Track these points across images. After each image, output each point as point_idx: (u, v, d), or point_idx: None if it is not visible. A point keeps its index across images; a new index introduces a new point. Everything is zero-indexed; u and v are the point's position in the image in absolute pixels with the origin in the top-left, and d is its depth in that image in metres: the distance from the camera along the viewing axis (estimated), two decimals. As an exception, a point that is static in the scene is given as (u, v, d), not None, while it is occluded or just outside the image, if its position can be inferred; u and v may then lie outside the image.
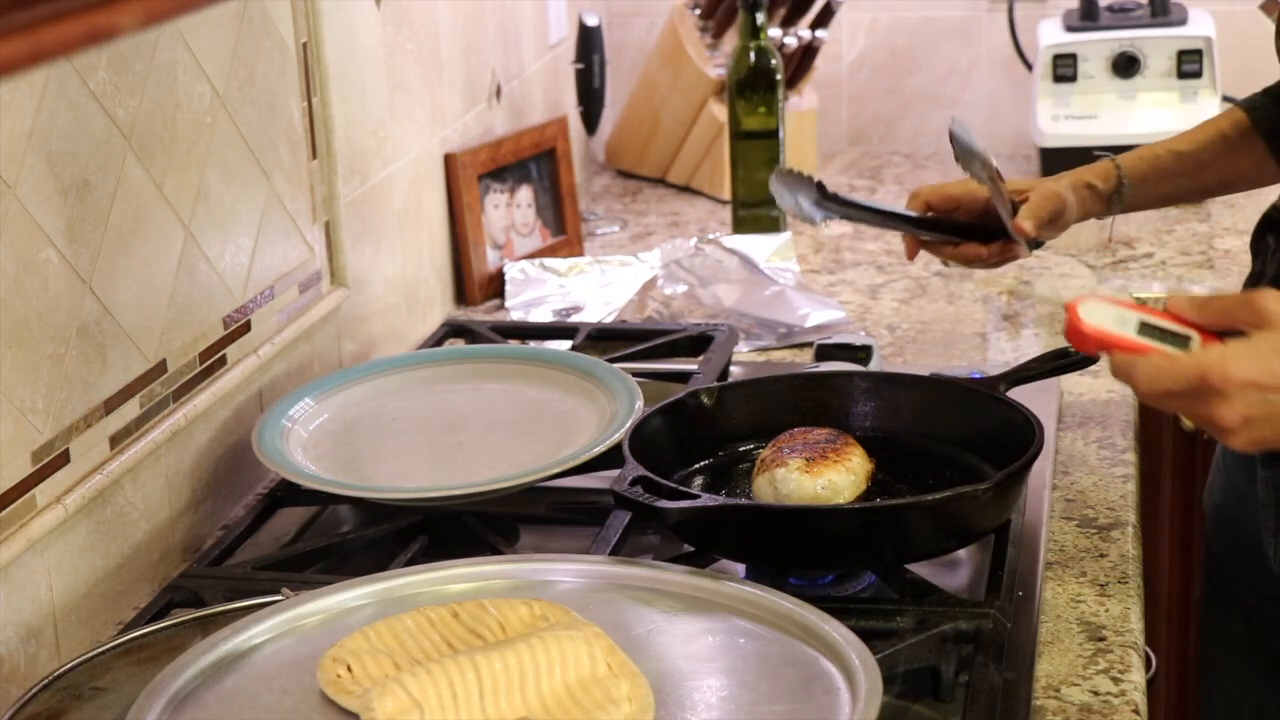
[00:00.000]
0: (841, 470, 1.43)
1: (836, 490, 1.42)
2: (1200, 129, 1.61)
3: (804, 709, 1.13)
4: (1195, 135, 1.61)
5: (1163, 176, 1.60)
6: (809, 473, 1.42)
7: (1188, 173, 1.60)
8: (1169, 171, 1.60)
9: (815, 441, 1.46)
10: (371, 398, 1.76)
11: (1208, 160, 1.60)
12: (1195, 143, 1.60)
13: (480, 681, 1.11)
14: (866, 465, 1.47)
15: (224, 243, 1.65)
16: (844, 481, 1.43)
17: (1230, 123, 1.60)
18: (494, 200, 2.35)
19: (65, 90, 1.39)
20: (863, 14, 2.96)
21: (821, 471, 1.42)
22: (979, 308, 2.20)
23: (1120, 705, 1.30)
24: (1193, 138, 1.61)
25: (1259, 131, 1.59)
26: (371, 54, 1.98)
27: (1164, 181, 1.60)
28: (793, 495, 1.41)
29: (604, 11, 2.92)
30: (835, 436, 1.48)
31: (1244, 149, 1.60)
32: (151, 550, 1.55)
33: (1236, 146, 1.60)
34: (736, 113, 2.46)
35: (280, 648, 1.23)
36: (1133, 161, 1.59)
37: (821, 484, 1.42)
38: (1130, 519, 1.60)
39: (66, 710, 1.23)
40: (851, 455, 1.46)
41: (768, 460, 1.46)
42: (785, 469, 1.43)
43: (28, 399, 1.35)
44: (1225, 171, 1.63)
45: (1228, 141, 1.60)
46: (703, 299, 2.17)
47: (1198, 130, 1.61)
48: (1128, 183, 1.58)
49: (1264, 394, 1.15)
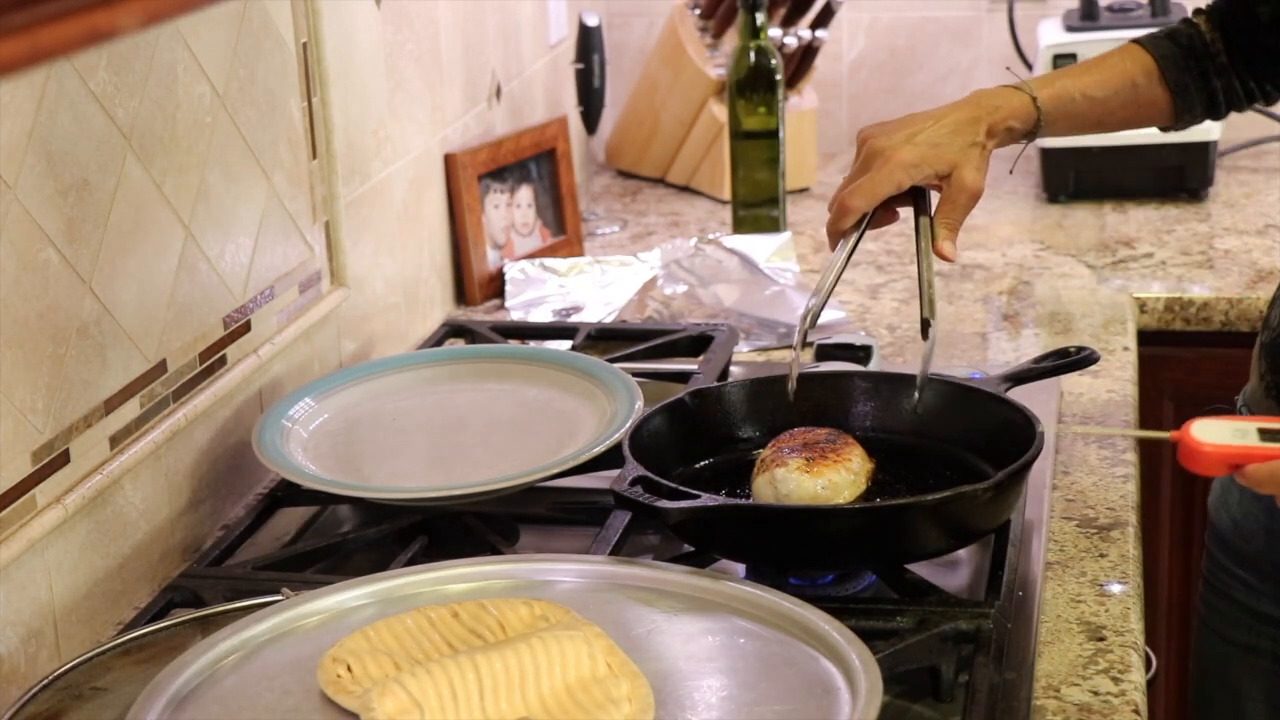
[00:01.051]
0: (841, 470, 1.43)
1: (836, 490, 1.42)
2: (1113, 71, 1.60)
3: (804, 709, 1.13)
4: (1109, 79, 1.60)
5: (1073, 117, 1.59)
6: (809, 473, 1.42)
7: (1095, 117, 1.60)
8: (1080, 114, 1.59)
9: (815, 441, 1.46)
10: (371, 398, 1.76)
11: (1116, 107, 1.61)
12: (1108, 88, 1.59)
13: (480, 681, 1.11)
14: (866, 465, 1.47)
15: (224, 243, 1.65)
16: (844, 481, 1.43)
17: (1141, 70, 1.60)
18: (494, 200, 2.35)
19: (65, 90, 1.39)
20: (863, 14, 2.96)
21: (821, 471, 1.42)
22: (979, 308, 2.20)
23: (1120, 705, 1.30)
24: (1106, 81, 1.59)
25: (1166, 82, 1.60)
26: (371, 54, 1.98)
27: (1073, 122, 1.60)
28: (793, 495, 1.41)
29: (604, 11, 2.92)
30: (835, 436, 1.48)
31: (1150, 98, 1.61)
32: (151, 550, 1.55)
33: (1144, 95, 1.61)
34: (736, 113, 2.47)
35: (280, 648, 1.23)
36: (1050, 101, 1.56)
37: (822, 484, 1.42)
38: (1130, 519, 1.60)
39: (66, 710, 1.23)
40: (851, 455, 1.46)
41: (767, 460, 1.46)
42: (785, 469, 1.43)
43: (28, 399, 1.35)
44: (1129, 118, 1.63)
45: (1137, 90, 1.60)
46: (703, 299, 2.17)
47: (1111, 72, 1.60)
48: (1043, 123, 1.57)
49: None
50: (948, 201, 1.51)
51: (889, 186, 1.49)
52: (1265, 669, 1.64)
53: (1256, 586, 1.63)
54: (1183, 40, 1.60)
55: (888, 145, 1.50)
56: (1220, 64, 1.60)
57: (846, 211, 1.49)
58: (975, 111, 1.53)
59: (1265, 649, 1.64)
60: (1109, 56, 1.61)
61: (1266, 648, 1.64)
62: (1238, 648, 1.65)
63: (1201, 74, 1.60)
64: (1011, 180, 2.77)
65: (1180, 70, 1.60)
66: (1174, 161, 2.60)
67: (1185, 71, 1.60)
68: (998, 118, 1.54)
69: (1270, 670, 1.64)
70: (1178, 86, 1.60)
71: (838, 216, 1.50)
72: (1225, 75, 1.61)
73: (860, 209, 1.49)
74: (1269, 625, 1.63)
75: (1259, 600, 1.63)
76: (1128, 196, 2.62)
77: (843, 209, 1.49)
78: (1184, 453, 1.23)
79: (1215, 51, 1.60)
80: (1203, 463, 1.22)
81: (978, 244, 2.46)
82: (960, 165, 1.51)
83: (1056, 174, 2.63)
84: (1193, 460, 1.23)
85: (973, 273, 2.33)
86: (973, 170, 1.51)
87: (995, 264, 2.37)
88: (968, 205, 1.51)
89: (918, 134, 1.51)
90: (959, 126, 1.52)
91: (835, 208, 1.51)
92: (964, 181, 1.50)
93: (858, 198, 1.49)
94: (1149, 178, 2.62)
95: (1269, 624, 1.63)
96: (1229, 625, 1.67)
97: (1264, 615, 1.63)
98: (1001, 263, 2.37)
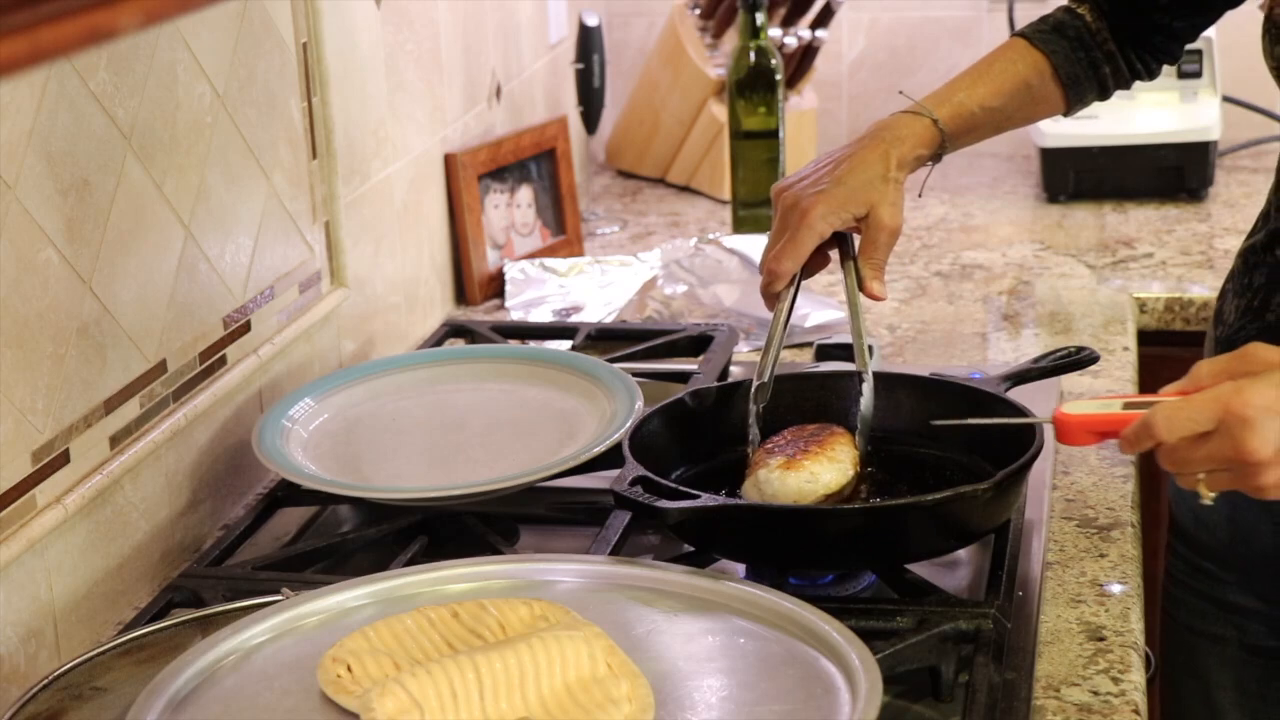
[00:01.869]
0: (823, 460, 1.43)
1: (819, 479, 1.42)
2: (1006, 77, 1.61)
3: (804, 709, 1.13)
4: (1003, 86, 1.61)
5: (973, 131, 1.61)
6: (790, 469, 1.42)
7: (994, 124, 1.62)
8: (979, 126, 1.61)
9: (799, 438, 1.46)
10: (371, 398, 1.76)
11: (1013, 111, 1.63)
12: (1003, 95, 1.60)
13: (480, 681, 1.11)
14: (852, 452, 1.46)
15: (224, 243, 1.65)
16: (826, 470, 1.42)
17: (1033, 70, 1.61)
18: (494, 200, 2.35)
19: (65, 90, 1.39)
20: (863, 14, 2.96)
21: (803, 465, 1.42)
22: (979, 308, 2.20)
23: (1120, 705, 1.30)
24: (1000, 89, 1.61)
25: (1059, 79, 1.61)
26: (371, 54, 1.98)
27: (974, 135, 1.62)
28: (779, 495, 1.41)
29: (604, 11, 2.92)
30: (821, 429, 1.47)
31: (1044, 95, 1.63)
32: (151, 550, 1.55)
33: (1039, 94, 1.63)
34: (736, 113, 2.47)
35: (280, 648, 1.23)
36: (950, 121, 1.57)
37: (805, 477, 1.41)
38: (1130, 519, 1.60)
39: (66, 710, 1.23)
40: (834, 443, 1.45)
41: (754, 464, 1.46)
42: (766, 469, 1.43)
43: (28, 399, 1.35)
44: (1025, 118, 1.66)
45: (1031, 91, 1.62)
46: (703, 299, 2.17)
47: (1004, 78, 1.61)
48: (947, 144, 1.58)
49: None
50: (869, 242, 1.53)
51: (812, 240, 1.51)
52: (1233, 657, 1.65)
53: (1221, 576, 1.64)
54: (1070, 33, 1.62)
55: (802, 198, 1.52)
56: (1107, 50, 1.63)
57: (777, 276, 1.52)
58: (881, 146, 1.54)
59: (1232, 638, 1.65)
60: (999, 60, 1.63)
61: (1233, 636, 1.64)
62: (1205, 638, 1.66)
63: (1091, 64, 1.63)
64: (1011, 180, 2.78)
65: (1072, 64, 1.62)
66: (1174, 161, 2.60)
67: (1076, 64, 1.62)
68: (904, 149, 1.55)
69: (1238, 658, 1.65)
70: (1070, 80, 1.62)
71: (769, 282, 1.52)
72: (1113, 60, 1.63)
73: (790, 271, 1.52)
74: (1235, 614, 1.64)
75: (1224, 590, 1.64)
76: (1128, 196, 2.62)
77: (772, 275, 1.52)
78: (1059, 430, 1.28)
79: (1102, 40, 1.63)
80: (1072, 434, 1.27)
81: (978, 244, 2.46)
82: (876, 204, 1.52)
83: (1056, 174, 2.63)
84: (1065, 435, 1.27)
85: (973, 273, 2.33)
86: (889, 207, 1.52)
87: (995, 264, 2.37)
88: (889, 243, 1.53)
89: (828, 180, 1.52)
90: (867, 164, 1.53)
91: (765, 273, 1.53)
92: (882, 221, 1.52)
93: (784, 261, 1.51)
94: (1149, 178, 2.62)
95: (1235, 613, 1.64)
96: (1195, 616, 1.68)
97: (1230, 604, 1.64)
98: (1001, 263, 2.37)
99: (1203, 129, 2.59)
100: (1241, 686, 1.65)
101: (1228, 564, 1.64)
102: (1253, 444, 1.13)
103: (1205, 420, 1.15)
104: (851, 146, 1.56)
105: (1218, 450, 1.15)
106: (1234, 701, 1.66)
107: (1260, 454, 1.13)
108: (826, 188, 1.51)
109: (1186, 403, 1.16)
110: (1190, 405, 1.16)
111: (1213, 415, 1.15)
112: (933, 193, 2.73)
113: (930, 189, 2.74)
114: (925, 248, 2.45)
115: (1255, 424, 1.13)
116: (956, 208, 2.65)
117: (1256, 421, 1.13)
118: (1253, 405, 1.13)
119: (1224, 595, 1.65)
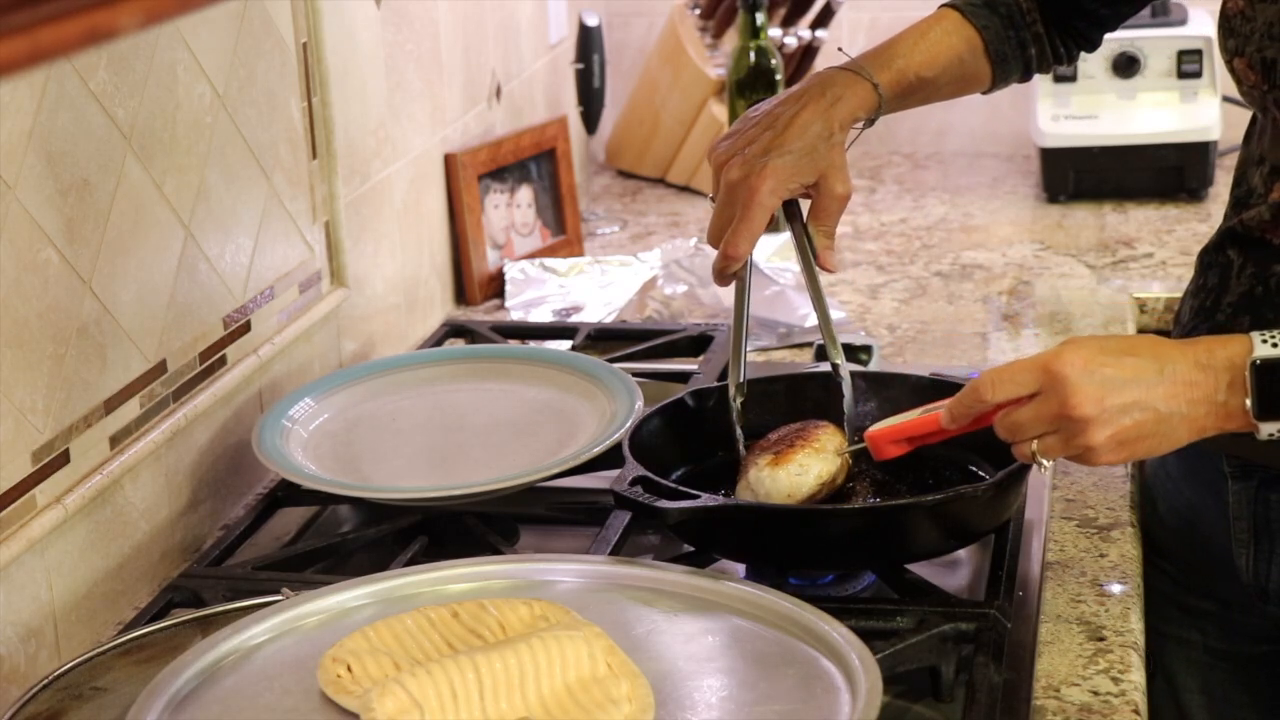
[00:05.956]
0: (808, 451, 1.42)
1: (809, 470, 1.41)
2: (941, 48, 1.61)
3: (804, 709, 1.13)
4: (937, 57, 1.61)
5: (905, 99, 1.61)
6: (779, 465, 1.42)
7: (923, 95, 1.63)
8: (912, 95, 1.62)
9: (784, 436, 1.46)
10: (371, 398, 1.76)
11: (944, 84, 1.64)
12: (936, 67, 1.61)
13: (480, 681, 1.11)
14: (837, 438, 1.45)
15: (224, 243, 1.65)
16: (814, 460, 1.42)
17: (967, 45, 1.62)
18: (494, 200, 2.35)
19: (65, 90, 1.39)
20: (863, 14, 2.96)
21: (790, 458, 1.42)
22: (979, 308, 2.20)
23: (1120, 705, 1.30)
24: (934, 59, 1.61)
25: (989, 56, 1.63)
26: (371, 54, 1.98)
27: (904, 103, 1.62)
28: (772, 492, 1.41)
29: (604, 11, 2.92)
30: (805, 424, 1.47)
31: (974, 71, 1.65)
32: (151, 550, 1.55)
33: (969, 70, 1.64)
34: (736, 113, 2.46)
35: (280, 648, 1.23)
36: (889, 86, 1.56)
37: (794, 470, 1.41)
38: (1130, 519, 1.60)
39: (66, 710, 1.23)
40: (819, 435, 1.44)
41: (744, 466, 1.46)
42: (756, 469, 1.43)
43: (28, 399, 1.35)
44: (952, 92, 1.66)
45: (963, 65, 1.63)
46: (703, 299, 2.17)
47: (938, 48, 1.61)
48: (882, 109, 1.58)
49: (1105, 372, 1.20)
50: (821, 210, 1.51)
51: (764, 217, 1.48)
52: (1198, 660, 1.65)
53: (1183, 581, 1.64)
54: (1001, 10, 1.63)
55: (750, 173, 1.48)
56: (1035, 31, 1.64)
57: (733, 260, 1.49)
58: (822, 104, 1.51)
59: (1196, 641, 1.64)
60: (932, 29, 1.62)
61: (1197, 639, 1.64)
62: (1171, 640, 1.66)
63: (1019, 43, 1.64)
64: (1011, 180, 2.78)
65: (1002, 41, 1.63)
66: (1174, 161, 2.60)
67: (1006, 42, 1.63)
68: (844, 110, 1.52)
69: (1203, 661, 1.64)
70: (998, 58, 1.63)
71: (725, 265, 1.50)
72: (1039, 42, 1.64)
73: (747, 253, 1.49)
74: (1198, 618, 1.64)
75: (1186, 595, 1.64)
76: (1128, 196, 2.62)
77: (728, 259, 1.49)
78: (871, 448, 1.38)
79: (1031, 20, 1.63)
80: (881, 448, 1.37)
81: (978, 244, 2.46)
82: (826, 172, 1.50)
83: (1056, 174, 2.63)
84: (878, 450, 1.38)
85: (973, 273, 2.33)
86: (838, 173, 1.50)
87: (995, 264, 2.37)
88: (839, 210, 1.51)
89: (772, 144, 1.49)
90: (808, 125, 1.50)
91: (720, 256, 1.50)
92: (834, 190, 1.50)
93: (740, 243, 1.48)
94: (1149, 178, 2.62)
95: (1198, 616, 1.64)
96: (1160, 619, 1.67)
97: (1192, 608, 1.64)
98: (1001, 263, 2.37)
99: (1203, 129, 2.59)
100: (1207, 690, 1.65)
101: (1189, 568, 1.64)
102: (1074, 399, 1.21)
103: (1028, 382, 1.23)
104: (789, 102, 1.52)
105: (1045, 409, 1.23)
106: (1201, 705, 1.66)
107: (1082, 409, 1.21)
108: (772, 158, 1.48)
109: (1010, 366, 1.25)
110: (1013, 368, 1.24)
111: (1034, 378, 1.23)
112: (933, 192, 2.73)
113: (930, 189, 2.76)
114: (925, 248, 2.45)
115: (1074, 382, 1.20)
116: (956, 208, 2.65)
117: (1075, 379, 1.21)
118: (1071, 364, 1.21)
119: (1187, 599, 1.65)
